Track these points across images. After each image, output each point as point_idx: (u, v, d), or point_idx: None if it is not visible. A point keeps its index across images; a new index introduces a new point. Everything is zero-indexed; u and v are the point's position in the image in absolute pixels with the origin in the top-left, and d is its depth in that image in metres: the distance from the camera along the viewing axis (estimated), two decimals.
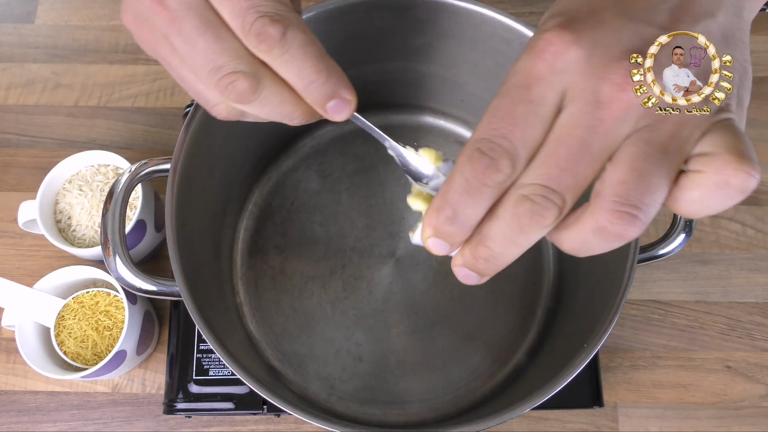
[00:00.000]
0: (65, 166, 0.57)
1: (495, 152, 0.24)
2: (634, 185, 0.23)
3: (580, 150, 0.23)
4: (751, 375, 0.56)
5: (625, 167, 0.23)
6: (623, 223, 0.23)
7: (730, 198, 0.23)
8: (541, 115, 0.24)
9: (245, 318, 0.53)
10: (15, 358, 0.57)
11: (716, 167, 0.23)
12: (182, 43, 0.27)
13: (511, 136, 0.24)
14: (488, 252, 0.25)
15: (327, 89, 0.28)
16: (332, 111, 0.29)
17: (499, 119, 0.24)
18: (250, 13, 0.26)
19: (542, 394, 0.38)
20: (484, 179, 0.24)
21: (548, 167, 0.24)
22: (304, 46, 0.27)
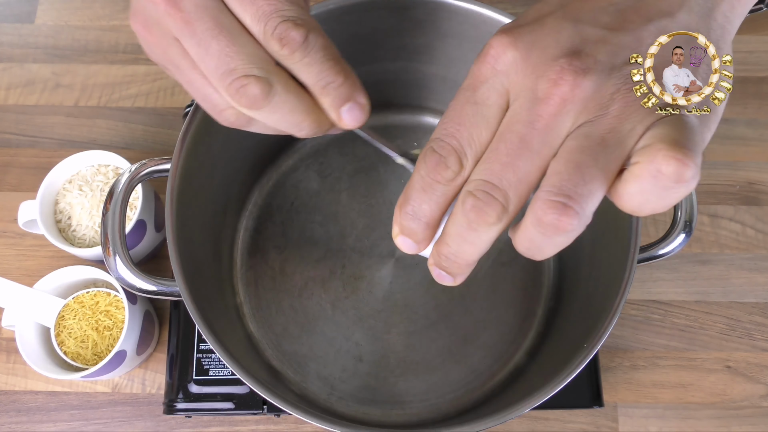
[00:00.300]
0: (65, 166, 0.57)
1: (444, 150, 0.25)
2: (567, 176, 0.23)
3: (519, 145, 0.24)
4: (751, 375, 0.56)
5: (562, 160, 0.24)
6: (557, 213, 0.23)
7: (668, 189, 0.23)
8: (485, 115, 0.25)
9: (245, 318, 0.53)
10: (15, 358, 0.57)
11: (648, 157, 0.23)
12: (195, 46, 0.27)
13: (458, 135, 0.25)
14: (447, 249, 0.26)
15: (344, 91, 0.29)
16: (346, 115, 0.29)
17: (449, 120, 0.26)
18: (273, 17, 0.27)
19: (542, 394, 0.38)
20: (435, 176, 0.25)
21: (491, 163, 0.25)
22: (324, 49, 0.28)
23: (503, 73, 0.25)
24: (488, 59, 0.25)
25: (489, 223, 0.24)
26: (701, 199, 0.62)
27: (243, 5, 0.27)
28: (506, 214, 0.24)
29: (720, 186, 0.63)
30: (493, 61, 0.25)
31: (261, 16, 0.27)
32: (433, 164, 0.25)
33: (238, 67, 0.27)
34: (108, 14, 0.70)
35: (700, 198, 0.62)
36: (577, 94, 0.23)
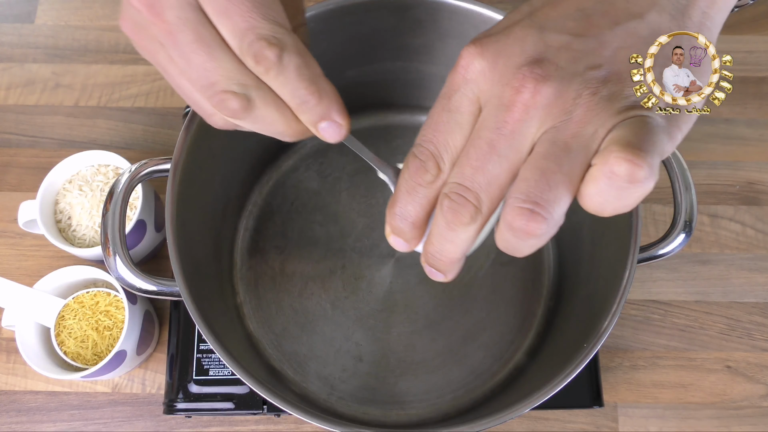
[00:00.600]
0: (65, 166, 0.57)
1: (423, 155, 0.27)
2: (534, 182, 0.24)
3: (488, 150, 0.25)
4: (751, 375, 0.56)
5: (529, 166, 0.25)
6: (525, 219, 0.24)
7: (623, 190, 0.23)
8: (459, 122, 0.27)
9: (245, 318, 0.53)
10: (15, 358, 0.57)
11: (603, 159, 0.23)
12: (178, 56, 0.28)
13: (435, 140, 0.27)
14: (432, 248, 0.28)
15: (319, 111, 0.29)
16: (324, 132, 0.30)
17: (428, 126, 0.27)
18: (248, 34, 0.27)
19: (542, 394, 0.38)
20: (417, 179, 0.27)
21: (463, 167, 0.26)
22: (299, 68, 0.28)
23: (473, 81, 0.26)
24: (459, 69, 0.26)
25: (464, 223, 0.26)
26: (701, 199, 0.62)
27: (220, 20, 0.27)
28: (480, 215, 0.26)
29: (720, 186, 0.63)
30: (464, 71, 0.26)
31: (236, 32, 0.27)
32: (414, 168, 0.27)
33: (218, 82, 0.28)
34: (108, 14, 0.70)
35: (700, 198, 0.62)
36: (538, 101, 0.24)
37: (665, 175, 0.46)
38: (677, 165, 0.45)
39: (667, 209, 0.61)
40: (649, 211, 0.61)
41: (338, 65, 0.53)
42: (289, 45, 0.28)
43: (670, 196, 0.46)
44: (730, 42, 0.69)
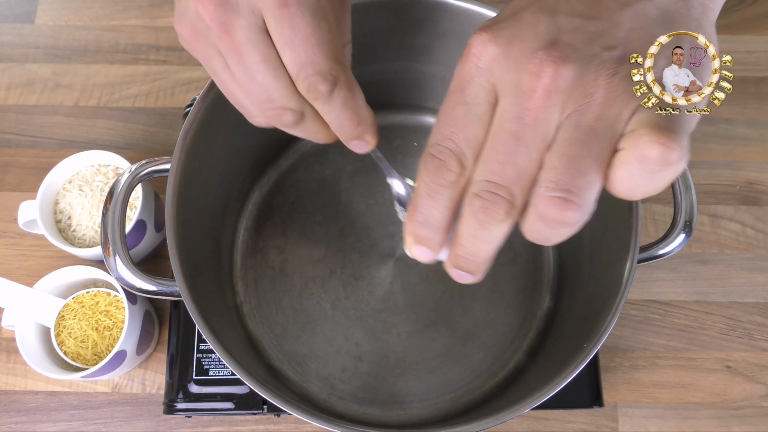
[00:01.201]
0: (65, 166, 0.57)
1: (443, 154, 0.26)
2: (563, 170, 0.23)
3: (514, 142, 0.24)
4: (751, 375, 0.56)
5: (556, 154, 0.24)
6: (558, 208, 0.23)
7: (655, 173, 0.23)
8: (477, 114, 0.26)
9: (245, 318, 0.53)
10: (15, 358, 0.57)
11: (633, 142, 0.23)
12: (241, 72, 0.30)
13: (454, 137, 0.26)
14: (463, 250, 0.27)
15: (354, 133, 0.33)
16: (354, 146, 0.35)
17: (443, 123, 0.26)
18: (307, 67, 0.30)
19: (542, 394, 0.38)
20: (439, 180, 0.26)
21: (490, 163, 0.25)
22: (345, 101, 0.31)
23: (487, 69, 0.25)
24: (471, 58, 0.26)
25: (499, 220, 0.25)
26: (701, 199, 0.62)
27: (284, 49, 0.30)
28: (514, 209, 0.25)
29: (720, 186, 0.63)
30: (476, 59, 0.25)
31: (297, 63, 0.30)
32: (434, 169, 0.26)
33: (278, 100, 0.31)
34: (108, 14, 0.70)
35: (700, 198, 0.62)
36: (559, 84, 0.23)
37: None
38: None
39: (667, 209, 0.61)
40: (649, 211, 0.61)
41: None
42: (342, 81, 0.31)
43: (670, 196, 0.46)
44: (730, 42, 0.69)
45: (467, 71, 0.26)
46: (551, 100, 0.24)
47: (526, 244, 0.58)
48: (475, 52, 0.25)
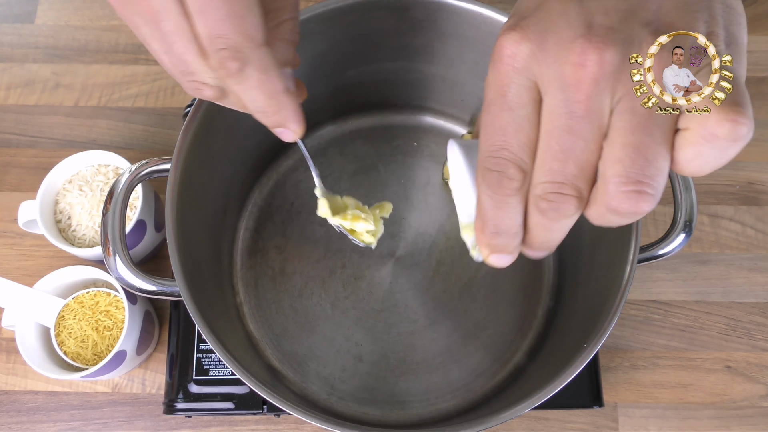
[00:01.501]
0: (65, 166, 0.57)
1: (501, 165, 0.25)
2: (630, 161, 0.23)
3: (570, 137, 0.24)
4: (751, 375, 0.56)
5: (618, 145, 0.23)
6: (633, 201, 0.23)
7: (726, 149, 0.22)
8: (525, 116, 0.25)
9: (245, 318, 0.53)
10: (15, 358, 0.57)
11: (699, 122, 0.22)
12: (159, 41, 0.29)
13: (507, 145, 0.25)
14: (536, 240, 0.27)
15: (274, 120, 0.32)
16: (278, 134, 0.34)
17: (492, 134, 0.25)
18: (216, 41, 0.28)
19: (542, 394, 0.38)
20: (503, 191, 0.25)
21: (549, 163, 0.24)
22: (259, 85, 0.30)
23: (525, 69, 0.24)
24: (505, 60, 0.24)
25: (569, 215, 0.25)
26: (701, 199, 0.62)
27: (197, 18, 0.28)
28: (582, 201, 0.24)
29: (720, 186, 0.63)
30: (511, 60, 0.24)
31: (207, 35, 0.28)
32: (496, 182, 0.25)
33: (196, 71, 0.29)
34: (108, 14, 0.70)
35: (700, 198, 0.62)
36: (606, 70, 0.23)
37: None
38: None
39: (667, 209, 0.61)
40: None
41: (338, 65, 0.53)
42: (253, 61, 0.29)
43: (670, 196, 0.46)
44: None
45: (504, 74, 0.25)
46: (600, 87, 0.23)
47: None
48: (508, 53, 0.24)
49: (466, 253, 0.57)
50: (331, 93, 0.54)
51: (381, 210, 0.47)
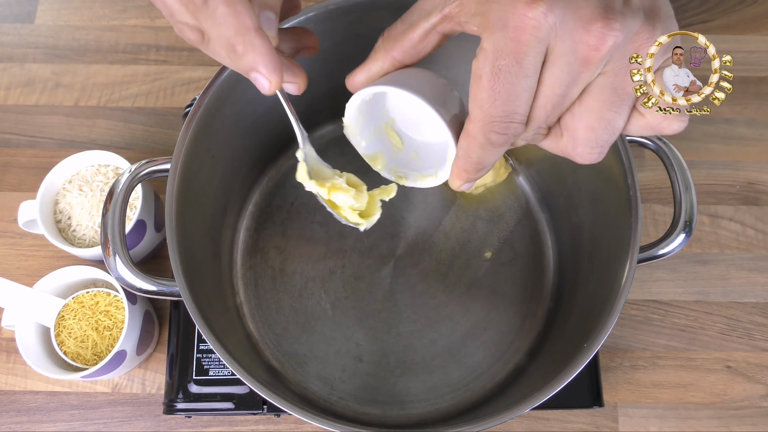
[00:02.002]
0: (65, 166, 0.57)
1: (511, 129, 0.27)
2: (602, 132, 0.27)
3: (559, 101, 0.27)
4: (751, 375, 0.56)
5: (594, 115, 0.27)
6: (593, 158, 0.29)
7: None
8: (533, 81, 0.27)
9: (245, 318, 0.53)
10: (15, 358, 0.57)
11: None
12: None
13: (519, 110, 0.27)
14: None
15: (245, 62, 0.30)
16: (256, 82, 0.31)
17: (504, 100, 0.27)
18: None
19: (542, 394, 0.38)
20: (505, 146, 0.28)
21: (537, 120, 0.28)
22: (225, 17, 0.29)
23: (544, 39, 0.25)
24: (529, 30, 0.25)
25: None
26: (701, 199, 0.62)
27: None
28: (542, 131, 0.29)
29: (720, 186, 0.63)
30: (535, 31, 0.25)
31: None
32: (502, 141, 0.28)
33: (176, 12, 0.30)
34: (108, 14, 0.70)
35: (700, 198, 0.62)
36: (612, 51, 0.25)
37: (665, 175, 0.46)
38: (677, 165, 0.45)
39: (667, 209, 0.61)
40: (649, 211, 0.61)
41: (338, 65, 0.52)
42: None
43: (670, 196, 0.46)
44: (730, 42, 0.69)
45: (525, 44, 0.25)
46: (601, 64, 0.25)
47: (527, 244, 0.58)
48: (533, 24, 0.25)
49: (466, 253, 0.58)
50: (331, 93, 0.54)
51: (382, 192, 0.44)
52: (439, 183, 0.35)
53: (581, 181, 0.50)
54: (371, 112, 0.36)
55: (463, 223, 0.56)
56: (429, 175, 0.36)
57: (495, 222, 0.56)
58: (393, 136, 0.38)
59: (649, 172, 0.62)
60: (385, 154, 0.38)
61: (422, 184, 0.36)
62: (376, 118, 0.37)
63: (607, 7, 0.25)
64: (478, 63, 0.26)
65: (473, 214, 0.56)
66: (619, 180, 0.43)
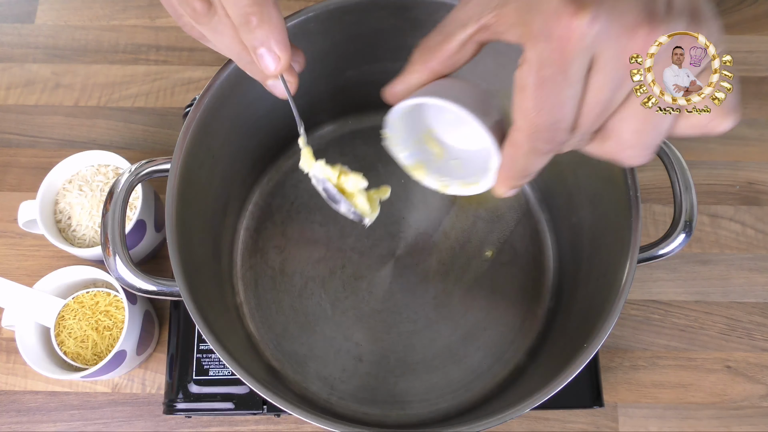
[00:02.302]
0: (65, 166, 0.57)
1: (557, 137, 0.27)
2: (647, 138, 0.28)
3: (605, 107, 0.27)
4: (751, 375, 0.56)
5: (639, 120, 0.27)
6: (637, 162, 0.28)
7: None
8: (579, 89, 0.26)
9: (245, 318, 0.53)
10: (15, 358, 0.57)
11: None
12: None
13: (565, 117, 0.27)
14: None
15: (259, 35, 0.30)
16: (261, 60, 0.31)
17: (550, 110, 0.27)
18: None
19: (542, 394, 0.38)
20: (550, 154, 0.28)
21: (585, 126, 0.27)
22: None
23: (590, 47, 0.25)
24: (574, 40, 0.25)
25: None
26: (701, 199, 0.62)
27: None
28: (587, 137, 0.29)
29: (720, 186, 0.63)
30: (580, 41, 0.25)
31: None
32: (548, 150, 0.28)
33: None
34: (108, 14, 0.70)
35: (700, 198, 0.62)
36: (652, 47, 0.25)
37: (665, 175, 0.46)
38: (677, 165, 0.45)
39: (667, 209, 0.61)
40: (649, 211, 0.61)
41: (338, 65, 0.53)
42: None
43: (670, 196, 0.46)
44: (730, 42, 0.69)
45: (570, 53, 0.25)
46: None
47: (527, 244, 0.58)
48: (578, 34, 0.25)
49: (466, 253, 0.57)
50: (331, 93, 0.54)
51: (378, 193, 0.44)
52: (483, 191, 0.35)
53: (581, 181, 0.50)
54: (411, 123, 0.36)
55: (463, 223, 0.56)
56: (472, 183, 0.35)
57: (495, 222, 0.56)
58: (434, 146, 0.38)
59: (649, 172, 0.62)
60: (426, 163, 0.38)
61: (466, 191, 0.36)
62: (416, 128, 0.37)
63: (651, 12, 0.25)
64: (522, 73, 0.26)
65: (473, 214, 0.56)
66: (619, 180, 0.43)
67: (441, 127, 0.37)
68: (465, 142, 0.37)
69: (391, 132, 0.36)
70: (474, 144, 0.36)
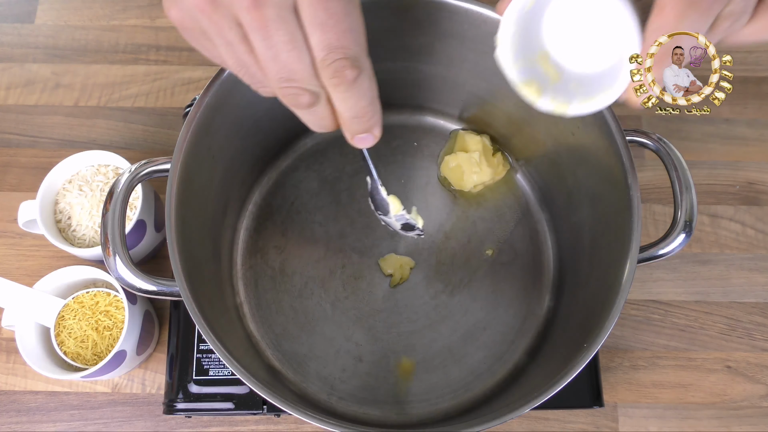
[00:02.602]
0: (65, 166, 0.57)
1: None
2: None
3: None
4: (751, 375, 0.56)
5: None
6: None
7: None
8: None
9: (245, 318, 0.53)
10: (15, 358, 0.57)
11: None
12: (265, 48, 0.30)
13: None
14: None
15: (365, 125, 0.34)
16: (358, 140, 0.35)
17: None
18: (336, 52, 0.30)
19: (542, 394, 0.38)
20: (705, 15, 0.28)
21: None
22: (367, 91, 0.32)
23: None
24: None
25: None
26: (701, 199, 0.62)
27: (314, 30, 0.30)
28: None
29: (720, 186, 0.63)
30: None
31: (326, 46, 0.30)
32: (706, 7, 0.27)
33: (298, 80, 0.31)
34: (108, 14, 0.70)
35: (700, 198, 0.62)
36: None
37: (665, 175, 0.46)
38: (677, 165, 0.45)
39: (667, 209, 0.61)
40: (649, 211, 0.61)
41: None
42: (367, 69, 0.32)
43: (670, 196, 0.46)
44: None
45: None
46: None
47: (527, 244, 0.58)
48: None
49: (466, 253, 0.57)
50: None
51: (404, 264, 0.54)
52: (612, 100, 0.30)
53: (581, 180, 0.50)
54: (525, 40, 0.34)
55: (463, 222, 0.56)
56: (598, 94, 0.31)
57: (495, 222, 0.56)
58: (549, 68, 0.35)
59: (649, 172, 0.62)
60: (540, 83, 0.35)
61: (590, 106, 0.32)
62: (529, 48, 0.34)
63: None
64: None
65: (473, 214, 0.56)
66: (619, 180, 0.43)
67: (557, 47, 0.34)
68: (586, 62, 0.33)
69: (502, 42, 0.33)
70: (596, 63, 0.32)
